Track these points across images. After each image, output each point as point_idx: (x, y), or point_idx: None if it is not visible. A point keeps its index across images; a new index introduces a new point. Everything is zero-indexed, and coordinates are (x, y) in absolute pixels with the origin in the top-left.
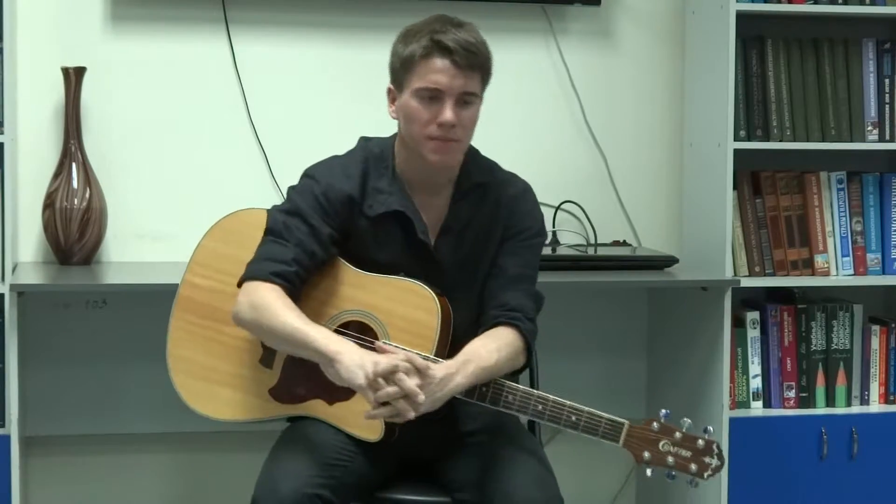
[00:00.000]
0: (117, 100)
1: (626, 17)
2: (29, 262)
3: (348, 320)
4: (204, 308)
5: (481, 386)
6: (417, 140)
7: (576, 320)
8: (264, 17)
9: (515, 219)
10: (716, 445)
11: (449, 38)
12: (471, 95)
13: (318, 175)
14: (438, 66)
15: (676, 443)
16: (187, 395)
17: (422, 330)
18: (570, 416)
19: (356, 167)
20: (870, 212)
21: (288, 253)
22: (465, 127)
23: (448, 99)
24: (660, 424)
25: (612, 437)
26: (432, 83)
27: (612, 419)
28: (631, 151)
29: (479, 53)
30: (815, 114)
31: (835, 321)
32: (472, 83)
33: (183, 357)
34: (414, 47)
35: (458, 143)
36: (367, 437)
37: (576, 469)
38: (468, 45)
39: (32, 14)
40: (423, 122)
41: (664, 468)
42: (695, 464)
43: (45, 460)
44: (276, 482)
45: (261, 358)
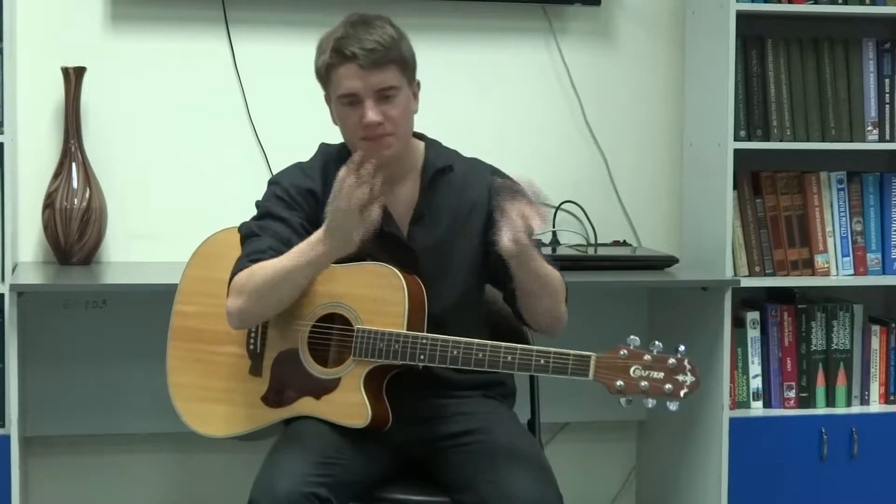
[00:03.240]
0: (117, 100)
1: (626, 17)
2: (29, 262)
3: (323, 314)
4: (194, 332)
5: (451, 348)
6: (353, 144)
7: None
8: (264, 16)
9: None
10: (688, 361)
11: (350, 44)
12: (389, 89)
13: (279, 178)
14: (346, 72)
15: (647, 365)
16: (189, 418)
17: (390, 308)
18: (538, 360)
19: (316, 167)
20: (870, 212)
21: (263, 243)
22: (393, 120)
23: (366, 100)
24: (628, 350)
25: (582, 372)
26: (346, 89)
27: (578, 353)
28: (631, 151)
29: (384, 49)
30: (815, 114)
31: (835, 321)
32: (388, 77)
33: (180, 384)
34: (324, 58)
35: (393, 137)
36: (354, 423)
37: (576, 469)
38: (371, 45)
39: (32, 14)
40: (353, 127)
41: (639, 394)
42: (669, 384)
43: (45, 460)
44: (273, 481)
45: (249, 368)
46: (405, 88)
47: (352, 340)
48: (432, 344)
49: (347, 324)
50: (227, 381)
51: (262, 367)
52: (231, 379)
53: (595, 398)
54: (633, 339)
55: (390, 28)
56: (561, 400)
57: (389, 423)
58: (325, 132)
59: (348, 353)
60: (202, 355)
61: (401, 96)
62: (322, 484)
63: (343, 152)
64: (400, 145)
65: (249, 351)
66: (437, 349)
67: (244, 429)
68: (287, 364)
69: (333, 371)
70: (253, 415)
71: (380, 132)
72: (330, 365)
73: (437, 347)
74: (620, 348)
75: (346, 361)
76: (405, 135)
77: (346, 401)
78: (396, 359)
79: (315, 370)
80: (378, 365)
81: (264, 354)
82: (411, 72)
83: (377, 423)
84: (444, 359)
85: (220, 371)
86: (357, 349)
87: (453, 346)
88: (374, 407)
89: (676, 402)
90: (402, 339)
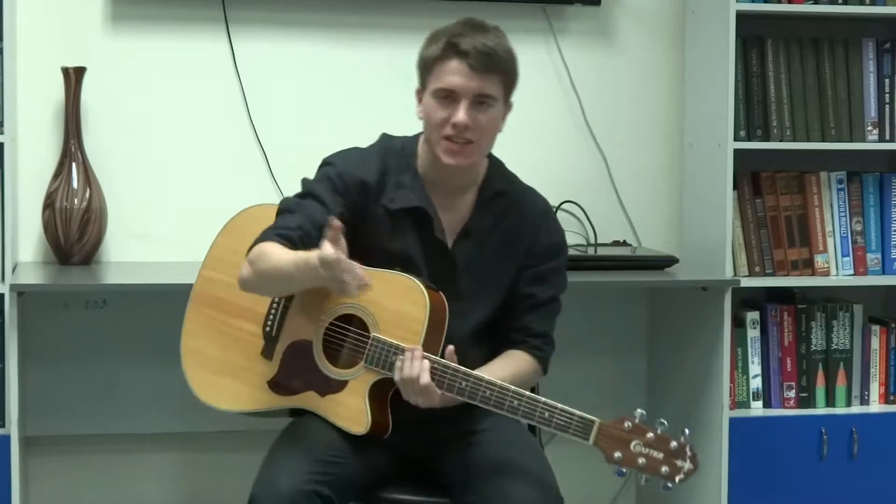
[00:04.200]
0: (117, 100)
1: (626, 17)
2: (29, 262)
3: (343, 313)
4: (217, 301)
5: (460, 380)
6: (434, 140)
7: (576, 320)
8: (264, 16)
9: (541, 245)
10: (689, 448)
11: (466, 41)
12: (487, 98)
13: (335, 160)
14: (453, 67)
15: (648, 443)
16: (196, 384)
17: (409, 323)
18: (543, 413)
19: (374, 157)
20: (870, 212)
21: (294, 220)
22: (480, 129)
23: (463, 100)
24: (632, 424)
25: (583, 435)
26: (447, 84)
27: (583, 416)
28: (631, 151)
29: (495, 56)
30: (815, 114)
31: (835, 321)
32: (489, 86)
33: (195, 348)
34: (433, 49)
35: (473, 146)
36: (352, 429)
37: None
38: (485, 48)
39: (32, 14)
40: (439, 123)
41: (634, 469)
42: (666, 466)
43: (45, 460)
44: (274, 479)
45: (262, 350)
46: (500, 103)
47: (365, 346)
48: (442, 371)
49: (364, 328)
50: (239, 356)
51: (275, 351)
52: (242, 356)
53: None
54: (641, 414)
55: (506, 41)
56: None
57: (388, 433)
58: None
59: (360, 358)
60: (219, 325)
61: (495, 109)
62: (323, 482)
63: (408, 148)
64: (476, 160)
65: (265, 332)
66: (447, 377)
67: (245, 407)
68: (299, 355)
69: (343, 373)
70: (257, 396)
71: (465, 137)
72: (340, 365)
73: (446, 375)
74: (625, 420)
75: (356, 366)
76: (485, 149)
77: (348, 405)
78: None
79: (325, 368)
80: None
81: (279, 339)
82: (510, 90)
83: (375, 432)
84: (451, 388)
85: (233, 345)
86: (369, 357)
87: (463, 377)
88: (374, 416)
89: (670, 485)
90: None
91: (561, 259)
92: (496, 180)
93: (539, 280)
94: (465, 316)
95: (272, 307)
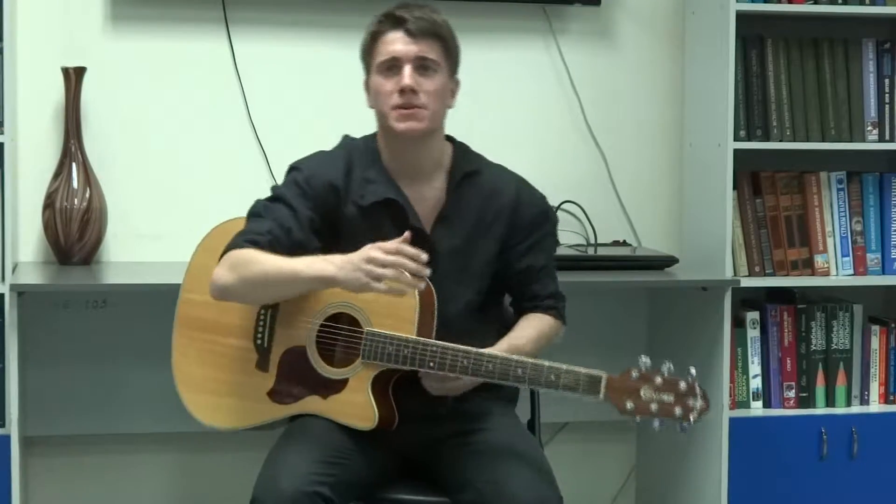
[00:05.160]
0: (117, 100)
1: (626, 17)
2: (29, 262)
3: (333, 313)
4: (202, 322)
5: (462, 357)
6: (385, 114)
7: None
8: (264, 17)
9: (525, 219)
10: (698, 386)
11: (401, 12)
12: (429, 61)
13: (301, 165)
14: (392, 37)
15: (658, 388)
16: (195, 409)
17: (401, 311)
18: (549, 376)
19: (339, 158)
20: (870, 212)
21: (263, 225)
22: (427, 93)
23: (406, 65)
24: (639, 372)
25: (593, 392)
26: (388, 53)
27: (589, 373)
28: (631, 151)
29: (432, 22)
30: (815, 114)
31: (835, 321)
32: (430, 50)
33: (188, 373)
34: (371, 28)
35: (423, 110)
36: (361, 425)
37: (576, 469)
38: (421, 14)
39: (32, 14)
40: (387, 94)
41: (648, 416)
42: (679, 407)
43: (45, 460)
44: (276, 480)
45: (256, 363)
46: (444, 70)
47: (360, 342)
48: (442, 352)
49: (355, 324)
50: (234, 373)
51: (269, 362)
52: (237, 372)
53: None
54: (645, 361)
55: (442, 16)
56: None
57: (395, 424)
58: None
59: (356, 355)
60: (208, 345)
61: (439, 75)
62: (325, 483)
63: (370, 144)
64: (429, 126)
65: (256, 345)
66: (448, 357)
67: (248, 423)
68: (294, 361)
69: (341, 371)
70: (258, 409)
71: (413, 101)
72: (337, 364)
73: (447, 356)
74: (631, 370)
75: (354, 362)
76: (436, 116)
77: (353, 402)
78: (405, 364)
79: (323, 369)
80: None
81: (271, 349)
82: (453, 61)
83: (383, 425)
84: (453, 367)
85: (226, 363)
86: (366, 351)
87: (463, 355)
88: (380, 409)
89: (686, 426)
90: (412, 345)
91: (549, 224)
92: (463, 162)
93: (532, 250)
94: (453, 299)
95: (260, 319)
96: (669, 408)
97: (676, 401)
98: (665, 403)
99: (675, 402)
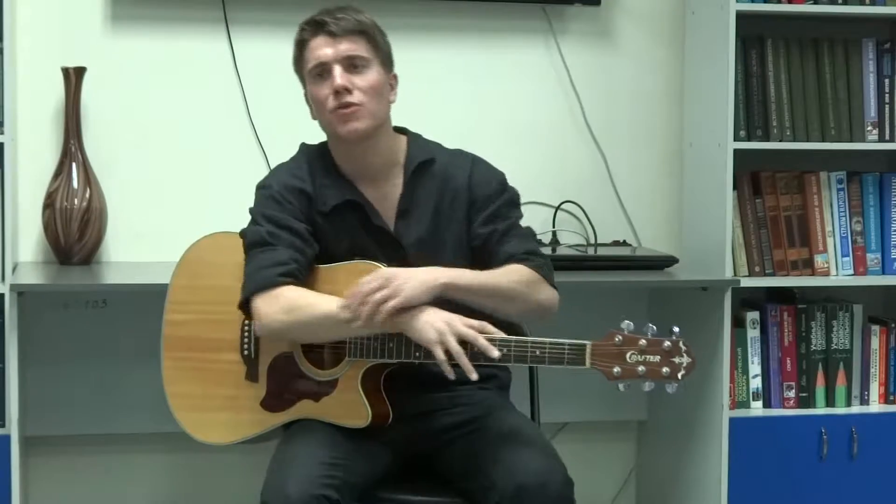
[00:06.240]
0: (117, 100)
1: (626, 17)
2: (29, 262)
3: None
4: (188, 341)
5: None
6: (328, 121)
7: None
8: (264, 17)
9: (478, 191)
10: (683, 342)
11: (321, 16)
12: (356, 58)
13: (269, 182)
14: (316, 42)
15: (643, 350)
16: (191, 428)
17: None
18: (534, 351)
19: (302, 166)
20: (870, 212)
21: (283, 255)
22: (362, 90)
23: (335, 66)
24: (622, 336)
25: (578, 361)
26: (315, 59)
27: (573, 343)
28: (631, 151)
29: (352, 20)
30: (815, 114)
31: (835, 321)
32: (357, 48)
33: (179, 393)
34: (296, 39)
35: (362, 108)
36: (354, 423)
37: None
38: (342, 15)
39: (32, 14)
40: (323, 99)
41: (636, 379)
42: (666, 367)
43: (45, 460)
44: (284, 484)
45: (245, 374)
46: (377, 65)
47: (345, 341)
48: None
49: None
50: (225, 388)
51: (258, 372)
52: (228, 386)
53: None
54: (628, 324)
55: (365, 14)
56: (561, 400)
57: (390, 419)
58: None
59: (343, 354)
60: (197, 363)
61: (371, 70)
62: (330, 486)
63: (324, 150)
64: (370, 123)
65: (244, 357)
66: None
67: (246, 434)
68: (283, 368)
69: (330, 372)
70: (254, 420)
71: (348, 101)
72: (326, 366)
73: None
74: (615, 334)
75: (341, 362)
76: (376, 113)
77: (345, 401)
78: (392, 357)
79: (311, 372)
80: (374, 364)
81: (259, 359)
82: (384, 56)
83: (378, 421)
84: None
85: (216, 378)
86: (351, 349)
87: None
88: (373, 405)
89: (674, 385)
90: (396, 337)
91: (507, 194)
92: (416, 153)
93: (494, 218)
94: None
95: (244, 331)
96: (657, 368)
97: (663, 360)
98: (652, 364)
99: (662, 361)
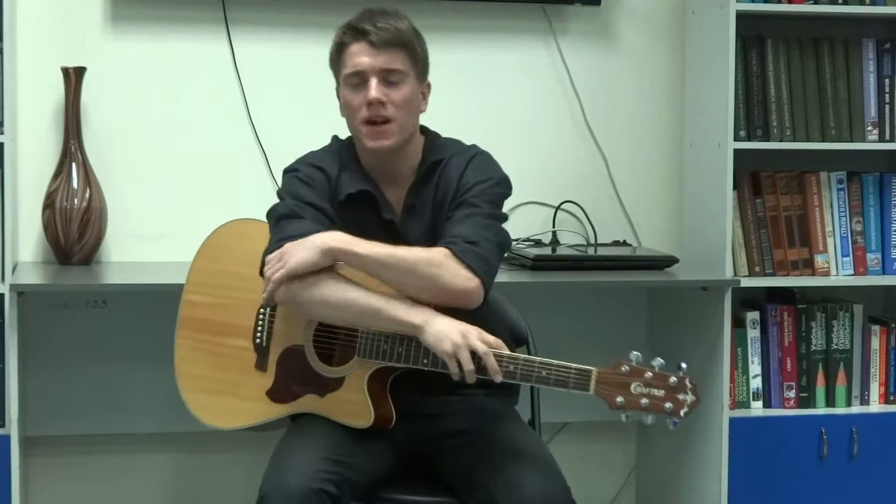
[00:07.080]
0: (117, 100)
1: (626, 17)
2: (29, 262)
3: None
4: (203, 323)
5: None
6: (357, 129)
7: (576, 320)
8: (264, 17)
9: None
10: (689, 381)
11: (363, 23)
12: (395, 73)
13: (297, 165)
14: (356, 49)
15: (648, 383)
16: (196, 408)
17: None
18: (540, 372)
19: (330, 155)
20: (870, 212)
21: (310, 227)
22: (395, 105)
23: (371, 78)
24: (629, 367)
25: (583, 387)
26: (353, 67)
27: (579, 368)
28: (631, 151)
29: (395, 31)
30: (815, 114)
31: (835, 321)
32: (395, 61)
33: (189, 374)
34: (336, 40)
35: (392, 124)
36: (357, 423)
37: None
38: (383, 24)
39: (32, 14)
40: (356, 107)
41: (639, 411)
42: (670, 402)
43: (45, 460)
44: (284, 477)
45: (255, 362)
46: (412, 78)
47: (356, 340)
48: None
49: None
50: (234, 373)
51: (268, 361)
52: (237, 372)
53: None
54: (637, 356)
55: (407, 21)
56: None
57: (393, 423)
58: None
59: (353, 353)
60: (209, 346)
61: (407, 84)
62: (331, 480)
63: (351, 147)
64: (399, 139)
65: (256, 345)
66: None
67: (249, 422)
68: (293, 360)
69: (338, 370)
70: (258, 409)
71: (381, 114)
72: (335, 363)
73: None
74: (622, 364)
75: (350, 361)
76: (406, 127)
77: (349, 400)
78: (400, 361)
79: (320, 368)
80: (383, 366)
81: (270, 349)
82: (421, 67)
83: (380, 423)
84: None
85: (226, 363)
86: (361, 349)
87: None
88: (377, 407)
89: (676, 421)
90: (406, 342)
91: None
92: (431, 153)
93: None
94: None
95: (259, 319)
96: (660, 403)
97: (667, 396)
98: (655, 398)
99: (666, 397)
